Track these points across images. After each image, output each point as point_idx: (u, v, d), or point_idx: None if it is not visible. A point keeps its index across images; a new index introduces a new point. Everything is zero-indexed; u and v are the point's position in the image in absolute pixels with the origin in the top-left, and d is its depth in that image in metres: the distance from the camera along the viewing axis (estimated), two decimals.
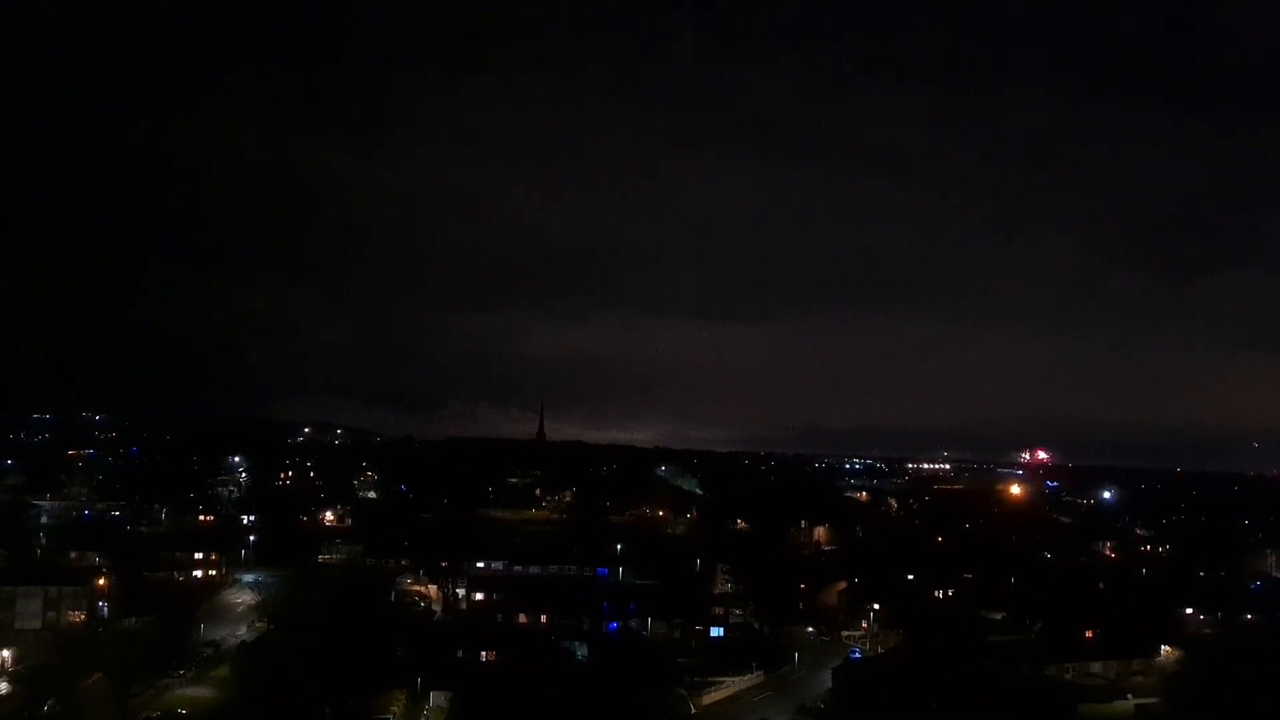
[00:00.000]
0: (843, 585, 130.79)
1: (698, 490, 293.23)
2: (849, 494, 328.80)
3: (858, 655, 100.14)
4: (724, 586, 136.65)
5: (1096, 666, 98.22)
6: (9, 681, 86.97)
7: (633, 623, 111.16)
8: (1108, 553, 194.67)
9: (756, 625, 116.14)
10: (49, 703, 75.48)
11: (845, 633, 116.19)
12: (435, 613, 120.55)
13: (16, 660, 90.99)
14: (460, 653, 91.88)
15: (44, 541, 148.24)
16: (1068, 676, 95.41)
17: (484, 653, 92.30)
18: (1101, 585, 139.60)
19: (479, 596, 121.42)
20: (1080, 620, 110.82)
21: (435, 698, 79.58)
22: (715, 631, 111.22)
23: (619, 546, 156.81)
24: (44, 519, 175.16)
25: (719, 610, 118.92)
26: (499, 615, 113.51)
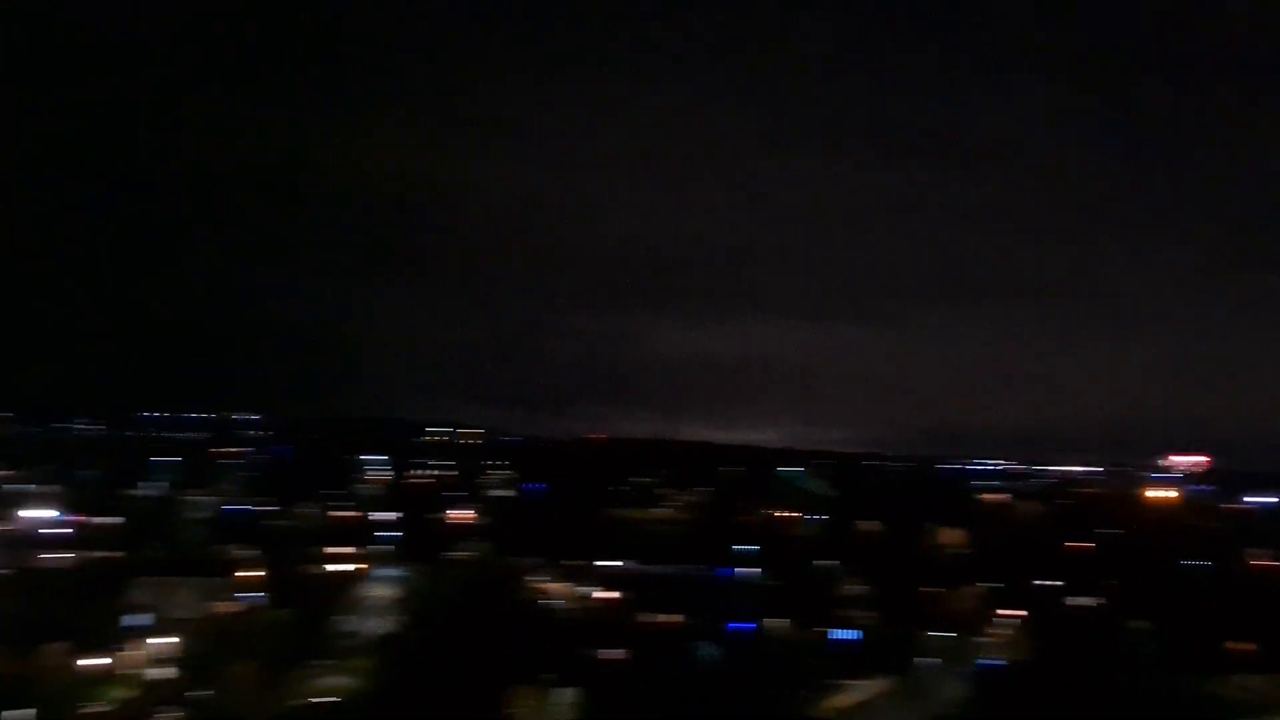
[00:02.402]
0: (975, 589, 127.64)
1: (824, 491, 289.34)
2: (980, 496, 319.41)
3: (991, 662, 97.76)
4: (852, 588, 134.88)
5: (1249, 681, 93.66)
6: (168, 667, 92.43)
7: (760, 623, 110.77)
8: (1266, 562, 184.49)
9: (885, 628, 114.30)
10: (208, 686, 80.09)
11: (978, 638, 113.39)
12: (564, 610, 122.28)
13: (174, 647, 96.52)
14: (589, 650, 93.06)
15: (201, 535, 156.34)
16: (1217, 690, 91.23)
17: (612, 650, 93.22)
18: (1257, 596, 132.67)
19: (607, 595, 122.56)
20: (1232, 632, 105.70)
21: (565, 694, 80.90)
22: (843, 634, 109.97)
23: (745, 546, 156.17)
24: (200, 514, 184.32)
25: (847, 612, 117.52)
26: (626, 613, 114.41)
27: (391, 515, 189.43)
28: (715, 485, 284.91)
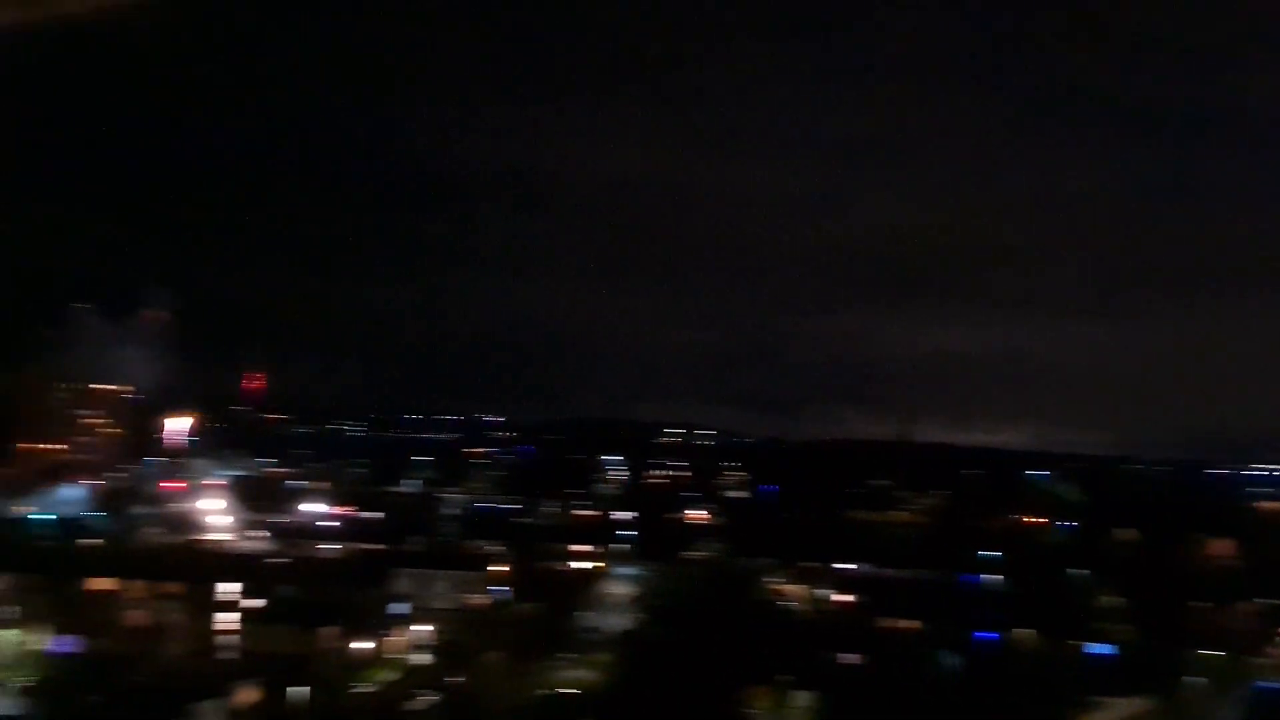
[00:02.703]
0: (1251, 606, 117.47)
1: (1074, 496, 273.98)
2: (1256, 504, 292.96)
3: (1271, 685, 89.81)
4: (1106, 599, 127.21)
5: None
6: (425, 653, 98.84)
7: (1005, 633, 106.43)
8: None
9: (1145, 644, 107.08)
10: (461, 674, 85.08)
11: (1254, 659, 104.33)
12: (800, 612, 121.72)
13: (430, 635, 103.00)
14: (826, 653, 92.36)
15: (453, 530, 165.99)
16: None
17: (849, 655, 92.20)
18: None
19: (843, 598, 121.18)
20: None
21: (801, 697, 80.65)
22: (1097, 648, 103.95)
23: (989, 552, 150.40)
24: (452, 509, 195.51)
25: (1101, 625, 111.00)
26: (864, 618, 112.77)
27: (629, 515, 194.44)
28: (955, 488, 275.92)
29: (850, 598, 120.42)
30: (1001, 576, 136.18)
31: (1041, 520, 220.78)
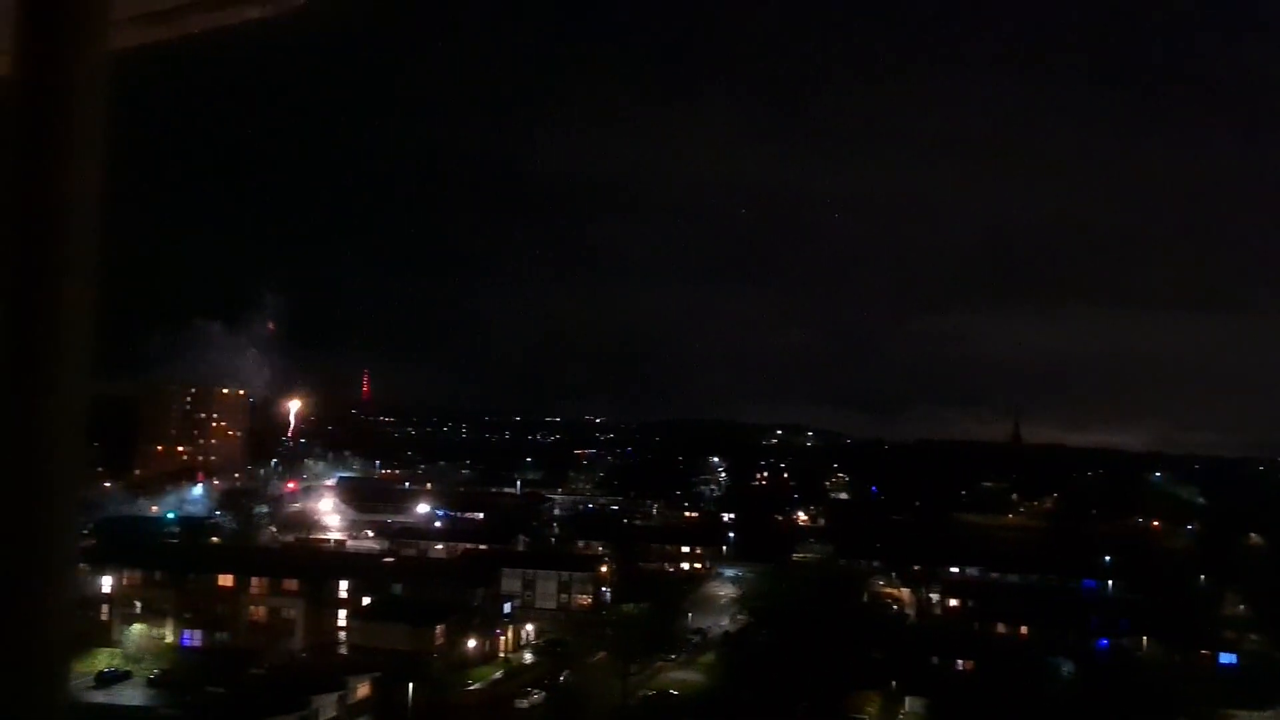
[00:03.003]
0: None
1: (1198, 499, 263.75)
2: None
3: None
4: (1234, 608, 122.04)
5: None
6: (532, 652, 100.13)
7: (1124, 641, 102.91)
8: None
9: (1271, 654, 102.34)
10: (565, 673, 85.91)
11: None
12: (908, 616, 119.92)
13: (537, 634, 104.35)
14: (935, 659, 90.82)
15: (556, 531, 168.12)
16: None
17: (960, 661, 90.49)
18: None
19: (953, 602, 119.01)
20: None
21: (910, 702, 79.46)
22: (1224, 658, 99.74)
23: (1106, 557, 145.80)
24: (556, 510, 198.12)
25: (1229, 634, 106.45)
26: (974, 623, 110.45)
27: (732, 516, 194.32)
28: (1069, 491, 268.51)
29: (960, 602, 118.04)
30: (1119, 582, 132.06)
31: (1162, 524, 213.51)
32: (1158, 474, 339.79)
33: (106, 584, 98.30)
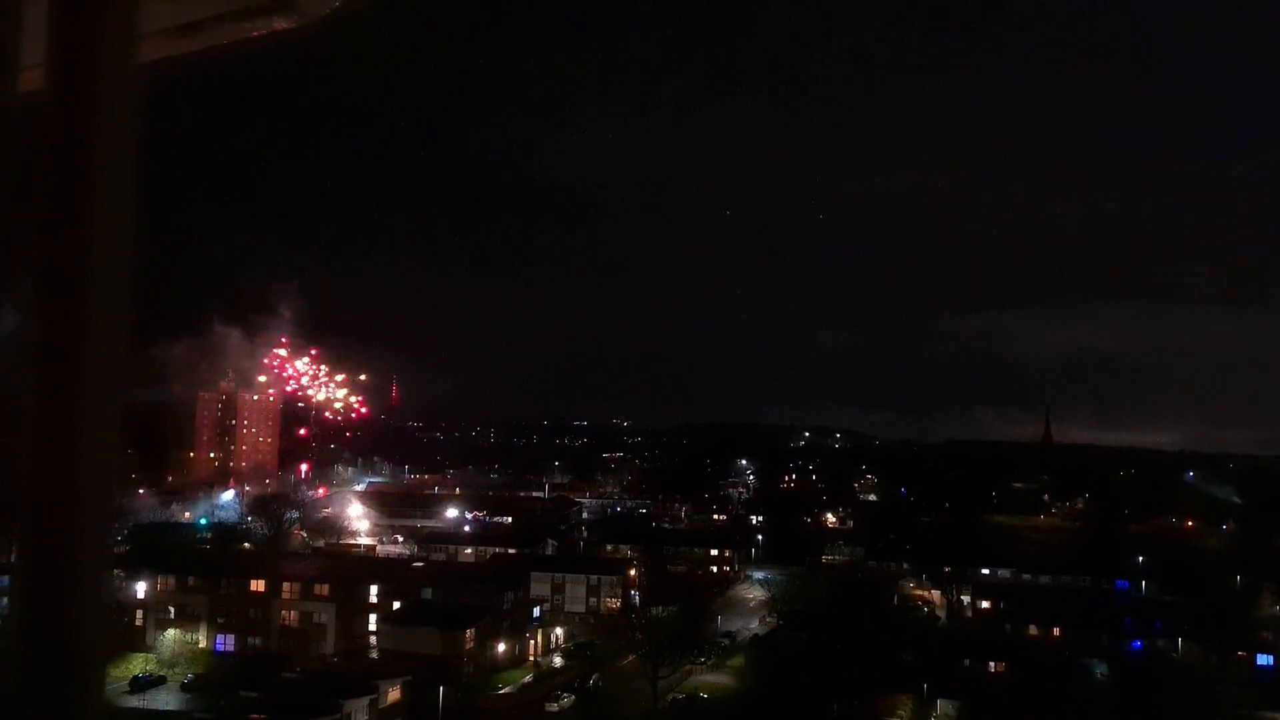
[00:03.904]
0: None
1: (1233, 498, 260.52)
2: None
3: None
4: (1271, 608, 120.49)
5: None
6: (561, 656, 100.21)
7: (1159, 643, 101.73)
8: None
9: None
10: (594, 676, 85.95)
11: None
12: (939, 619, 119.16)
13: (566, 638, 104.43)
14: (967, 661, 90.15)
15: (585, 534, 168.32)
16: None
17: (992, 663, 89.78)
18: None
19: (985, 604, 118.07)
20: None
21: (942, 705, 78.89)
22: (1261, 659, 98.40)
23: (1140, 558, 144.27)
24: (584, 514, 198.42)
25: (1266, 635, 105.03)
26: (1007, 625, 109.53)
27: (762, 518, 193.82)
28: (1102, 491, 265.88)
29: (992, 604, 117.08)
30: (1152, 583, 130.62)
31: (1195, 524, 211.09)
32: (1191, 473, 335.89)
33: (141, 590, 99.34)
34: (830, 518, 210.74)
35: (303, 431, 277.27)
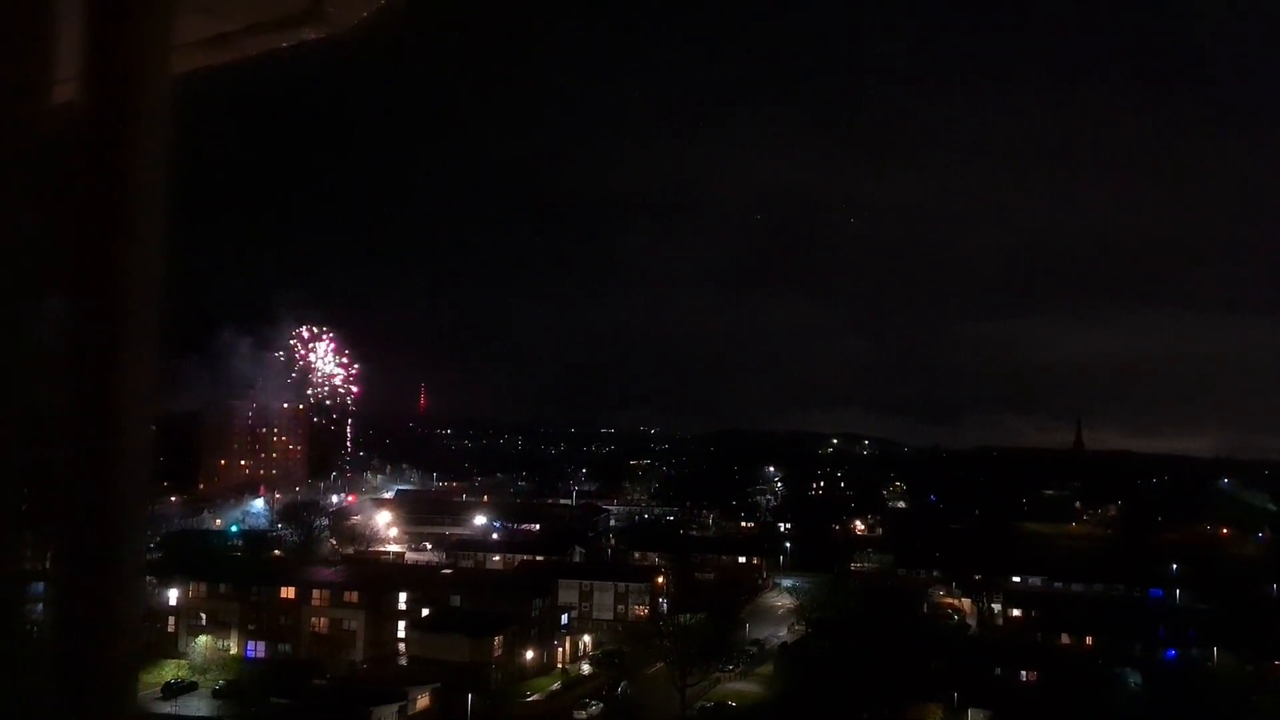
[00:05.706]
0: None
1: (1269, 505, 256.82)
2: None
3: None
4: None
5: None
6: (589, 663, 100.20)
7: (1193, 652, 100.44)
8: None
9: None
10: (622, 684, 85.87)
11: None
12: (969, 627, 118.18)
13: (595, 645, 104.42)
14: (997, 670, 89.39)
15: (612, 541, 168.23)
16: None
17: (1023, 672, 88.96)
18: None
19: (1016, 613, 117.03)
20: None
21: (972, 714, 78.27)
22: None
23: (1174, 566, 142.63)
24: (612, 521, 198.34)
25: None
26: (1038, 634, 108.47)
27: (790, 525, 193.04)
28: (1135, 498, 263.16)
29: (1023, 612, 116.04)
30: (1186, 592, 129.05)
31: (1230, 532, 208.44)
32: (1226, 480, 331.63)
33: (173, 596, 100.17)
34: (859, 525, 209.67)
35: (333, 439, 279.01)
